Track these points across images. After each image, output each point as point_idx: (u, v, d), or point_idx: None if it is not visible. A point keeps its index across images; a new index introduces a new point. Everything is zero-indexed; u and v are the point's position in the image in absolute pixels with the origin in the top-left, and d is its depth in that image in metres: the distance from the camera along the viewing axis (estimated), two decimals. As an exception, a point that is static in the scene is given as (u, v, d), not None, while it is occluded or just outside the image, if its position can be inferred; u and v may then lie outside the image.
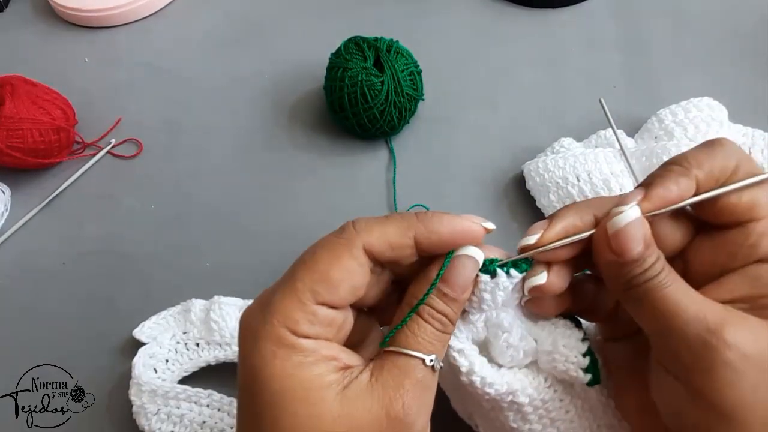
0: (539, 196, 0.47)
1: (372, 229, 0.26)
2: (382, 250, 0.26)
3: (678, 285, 0.25)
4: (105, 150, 0.55)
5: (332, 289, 0.25)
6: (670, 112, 0.47)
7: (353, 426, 0.23)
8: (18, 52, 0.64)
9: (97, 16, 0.64)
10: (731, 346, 0.23)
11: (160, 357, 0.41)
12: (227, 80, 0.59)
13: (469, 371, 0.28)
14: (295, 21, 0.64)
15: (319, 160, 0.53)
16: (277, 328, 0.24)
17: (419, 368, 0.25)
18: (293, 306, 0.24)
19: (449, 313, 0.26)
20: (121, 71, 0.61)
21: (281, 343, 0.24)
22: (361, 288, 0.26)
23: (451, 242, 0.27)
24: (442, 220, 0.26)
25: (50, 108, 0.52)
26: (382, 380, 0.25)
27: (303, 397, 0.23)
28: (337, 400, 0.24)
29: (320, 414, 0.23)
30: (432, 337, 0.26)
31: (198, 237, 0.49)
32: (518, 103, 0.55)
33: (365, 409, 0.24)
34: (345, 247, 0.25)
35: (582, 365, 0.28)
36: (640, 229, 0.25)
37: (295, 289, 0.25)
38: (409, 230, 0.26)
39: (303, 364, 0.24)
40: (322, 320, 0.25)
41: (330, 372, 0.24)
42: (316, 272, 0.25)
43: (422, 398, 0.25)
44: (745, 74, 0.55)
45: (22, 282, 0.48)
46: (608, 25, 0.60)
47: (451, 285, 0.26)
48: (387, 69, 0.49)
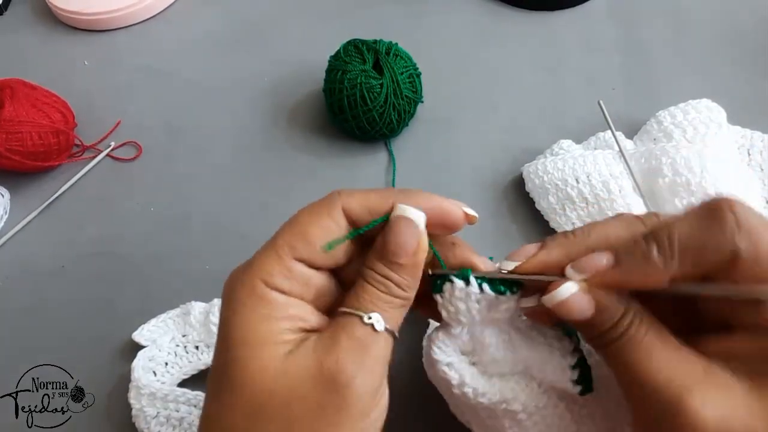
0: (539, 198, 0.47)
1: (353, 193, 0.27)
2: (360, 214, 0.26)
3: (649, 345, 0.23)
4: (104, 153, 0.55)
5: (309, 246, 0.25)
6: (669, 114, 0.47)
7: (288, 383, 0.23)
8: (17, 55, 0.64)
9: (97, 19, 0.64)
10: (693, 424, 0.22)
11: (159, 360, 0.41)
12: (227, 83, 0.59)
13: (460, 383, 0.28)
14: (295, 23, 0.64)
15: (319, 162, 0.53)
16: (253, 278, 0.25)
17: (357, 326, 0.25)
18: (270, 260, 0.25)
19: (393, 276, 0.26)
20: (121, 74, 0.61)
21: (252, 293, 0.25)
22: (337, 249, 0.26)
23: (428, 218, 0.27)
24: (425, 196, 0.27)
25: (50, 111, 0.52)
26: (322, 339, 0.25)
27: (256, 350, 0.24)
28: (282, 358, 0.24)
29: (265, 369, 0.24)
30: (374, 297, 0.26)
31: (197, 239, 0.49)
32: (517, 106, 0.55)
33: (301, 366, 0.24)
34: (325, 208, 0.26)
35: (572, 377, 0.28)
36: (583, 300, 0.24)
37: (275, 245, 0.26)
38: (389, 198, 0.26)
39: (267, 318, 0.24)
40: (297, 277, 0.25)
41: (290, 331, 0.25)
42: (296, 230, 0.26)
43: (361, 357, 0.24)
44: (743, 76, 0.55)
45: (21, 284, 0.48)
46: (607, 28, 0.60)
47: (386, 244, 0.26)
48: (386, 71, 0.49)
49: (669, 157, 0.42)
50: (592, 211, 0.44)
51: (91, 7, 0.64)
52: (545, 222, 0.46)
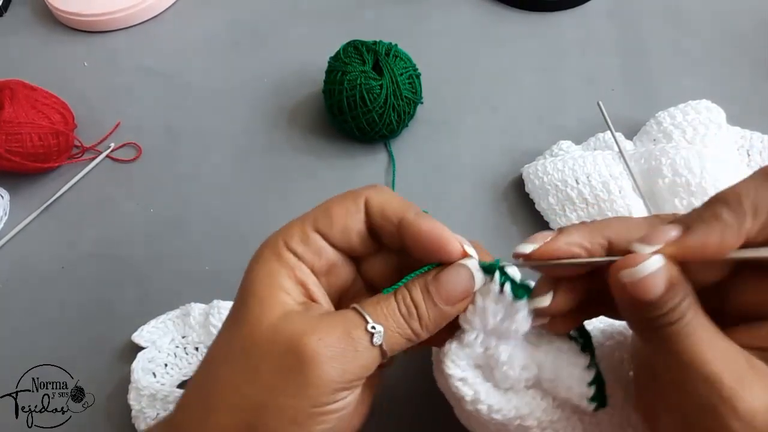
0: (538, 198, 0.47)
1: (380, 191, 0.29)
2: (375, 212, 0.28)
3: (702, 333, 0.23)
4: (104, 154, 0.55)
5: (328, 221, 0.28)
6: (669, 114, 0.47)
7: (276, 338, 0.25)
8: (17, 57, 0.64)
9: (97, 20, 0.64)
10: (741, 416, 0.21)
11: (159, 361, 0.41)
12: (226, 84, 0.59)
13: (474, 400, 0.28)
14: (295, 25, 0.64)
15: (319, 163, 0.53)
16: (277, 238, 0.28)
17: (359, 328, 0.25)
18: (296, 226, 0.28)
19: (422, 310, 0.26)
20: (121, 75, 0.61)
21: (272, 250, 0.28)
22: (352, 232, 0.28)
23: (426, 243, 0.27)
24: (430, 221, 0.27)
25: (49, 112, 0.52)
26: (322, 318, 0.26)
27: (261, 299, 0.26)
28: (280, 314, 0.26)
29: (262, 317, 0.26)
30: (390, 313, 0.26)
31: (197, 241, 0.49)
32: (517, 107, 0.55)
33: (290, 329, 0.25)
34: (352, 194, 0.29)
35: (587, 395, 0.28)
36: (662, 276, 0.23)
37: (304, 215, 0.29)
38: (403, 210, 0.28)
39: (276, 273, 0.27)
40: (312, 245, 0.28)
41: (293, 291, 0.27)
42: (324, 206, 0.29)
43: (344, 356, 0.25)
44: (743, 77, 0.55)
45: (21, 285, 0.48)
46: (606, 28, 0.61)
47: (438, 282, 0.26)
48: (386, 72, 0.49)
49: (669, 158, 0.42)
50: (592, 211, 0.44)
51: (90, 8, 0.64)
52: (545, 223, 0.46)
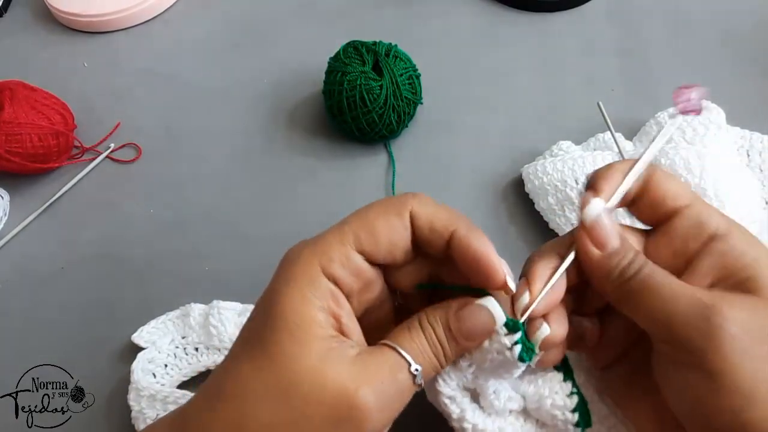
0: (538, 199, 0.47)
1: (425, 203, 0.27)
2: (423, 226, 0.27)
3: (665, 274, 0.25)
4: (104, 154, 0.55)
5: (374, 238, 0.26)
6: (668, 115, 0.47)
7: (322, 383, 0.23)
8: (17, 57, 0.64)
9: (96, 21, 0.64)
10: (734, 320, 0.23)
11: (158, 362, 0.41)
12: (226, 84, 0.59)
13: (459, 418, 0.28)
14: (294, 25, 0.64)
15: (318, 164, 0.53)
16: (311, 257, 0.25)
17: (403, 371, 0.25)
18: (334, 244, 0.26)
19: (445, 346, 0.26)
20: (120, 76, 0.61)
21: (306, 273, 0.25)
22: (398, 249, 0.27)
23: (473, 262, 0.26)
24: (481, 240, 0.26)
25: (49, 113, 0.52)
26: (365, 362, 0.25)
27: (293, 333, 0.24)
28: (318, 354, 0.24)
29: (298, 357, 0.24)
30: (425, 351, 0.26)
31: (197, 241, 0.49)
32: (517, 107, 0.55)
33: (338, 375, 0.24)
34: (394, 207, 0.27)
35: (571, 421, 0.29)
36: (611, 223, 0.26)
37: (342, 231, 0.26)
38: (453, 224, 0.27)
39: (309, 303, 0.25)
40: (353, 267, 0.26)
41: (326, 325, 0.25)
42: (364, 221, 0.26)
43: (392, 401, 0.25)
44: (742, 77, 0.55)
45: (21, 286, 0.48)
46: (606, 29, 0.61)
47: (460, 322, 0.26)
48: (386, 73, 0.49)
49: (668, 159, 0.42)
50: (592, 212, 0.44)
51: (90, 9, 0.64)
52: (545, 223, 0.46)
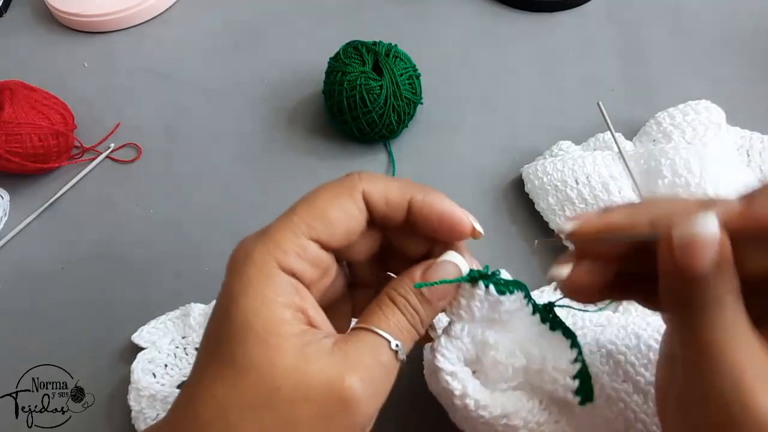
0: (538, 199, 0.47)
1: (376, 180, 0.26)
2: (378, 202, 0.26)
3: (736, 322, 0.21)
4: (104, 155, 0.55)
5: (329, 227, 0.25)
6: (668, 115, 0.47)
7: (304, 382, 0.23)
8: (17, 57, 0.64)
9: (96, 21, 0.64)
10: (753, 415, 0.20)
11: (159, 362, 0.41)
12: (226, 84, 0.59)
13: (462, 394, 0.28)
14: (294, 25, 0.64)
15: (319, 164, 0.53)
16: (264, 254, 0.24)
17: (384, 350, 0.25)
18: (286, 237, 0.25)
19: (420, 311, 0.26)
20: (120, 76, 0.61)
21: (262, 272, 0.24)
22: (353, 233, 0.26)
23: (437, 222, 0.26)
24: (441, 199, 0.27)
25: (49, 113, 0.52)
26: (345, 350, 0.24)
27: (263, 338, 0.23)
28: (294, 354, 0.23)
29: (274, 362, 0.23)
30: (402, 324, 0.26)
31: (197, 241, 0.49)
32: (517, 107, 0.55)
33: (321, 369, 0.23)
34: (346, 190, 0.26)
35: (571, 388, 0.28)
36: (714, 244, 0.21)
37: (292, 222, 0.25)
38: (408, 193, 0.26)
39: (272, 303, 0.23)
40: (310, 257, 0.25)
41: (295, 322, 0.24)
42: (315, 209, 0.25)
43: (379, 383, 0.24)
44: (742, 77, 0.55)
45: (21, 285, 0.48)
46: (606, 29, 0.61)
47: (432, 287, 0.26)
48: (386, 73, 0.49)
49: (668, 158, 0.42)
50: (592, 212, 0.44)
51: (90, 9, 0.64)
52: (545, 223, 0.46)
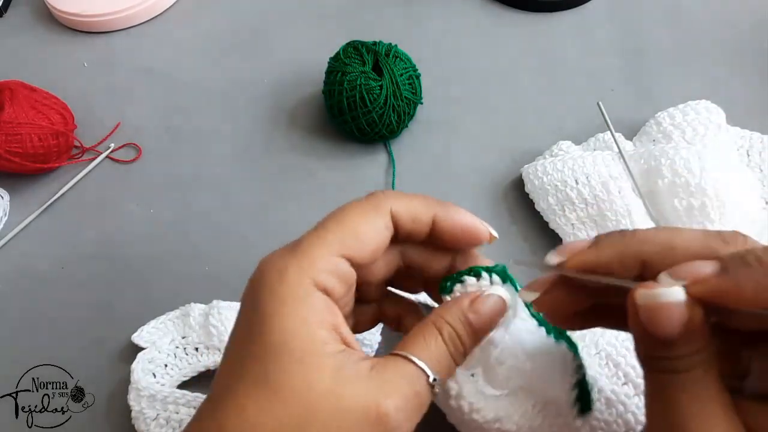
0: (538, 199, 0.47)
1: (399, 197, 0.27)
2: (405, 220, 0.27)
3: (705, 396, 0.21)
4: (104, 155, 0.55)
5: (360, 244, 0.25)
6: (668, 115, 0.47)
7: (341, 406, 0.22)
8: (17, 57, 0.64)
9: (96, 20, 0.64)
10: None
11: (158, 362, 0.41)
12: (226, 85, 0.59)
13: (458, 395, 0.28)
14: (294, 25, 0.64)
15: (318, 164, 0.53)
16: (301, 272, 0.24)
17: (421, 382, 0.24)
18: (321, 254, 0.24)
19: (465, 342, 0.26)
20: (120, 76, 0.61)
21: (297, 291, 0.24)
22: (381, 250, 0.26)
23: (461, 235, 0.28)
24: (460, 212, 0.28)
25: (49, 113, 0.52)
26: (382, 376, 0.24)
27: (300, 358, 0.23)
28: (332, 375, 0.23)
29: (311, 382, 0.22)
30: (443, 357, 0.25)
31: (197, 241, 0.49)
32: (517, 107, 0.55)
33: (357, 395, 0.23)
34: (374, 207, 0.26)
35: (571, 397, 0.28)
36: (680, 313, 0.20)
37: (325, 238, 0.25)
38: (431, 209, 0.27)
39: (308, 323, 0.23)
40: (341, 274, 0.25)
41: (332, 341, 0.24)
42: (346, 225, 0.25)
43: (413, 412, 0.24)
44: (742, 77, 0.55)
45: (21, 285, 0.48)
46: (606, 29, 0.61)
47: (478, 315, 0.26)
48: (386, 73, 0.49)
49: (668, 158, 0.42)
50: (592, 212, 0.44)
51: (90, 9, 0.64)
52: (545, 223, 0.46)
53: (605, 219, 0.43)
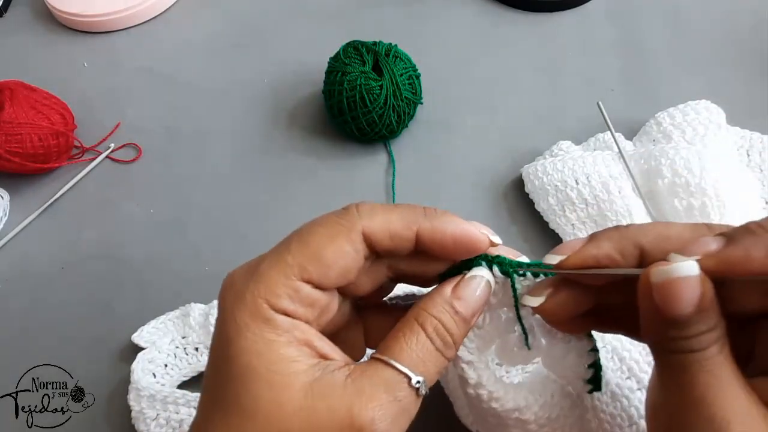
0: (538, 199, 0.47)
1: (375, 214, 0.25)
2: (381, 239, 0.25)
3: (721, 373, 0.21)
4: (104, 155, 0.55)
5: (322, 270, 0.24)
6: (668, 115, 0.47)
7: (312, 423, 0.22)
8: (17, 57, 0.64)
9: (96, 21, 0.64)
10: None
11: (158, 362, 0.41)
12: (226, 85, 0.59)
13: (476, 384, 0.28)
14: (295, 25, 0.64)
15: (318, 164, 0.53)
16: (256, 298, 0.23)
17: (402, 387, 0.23)
18: (278, 279, 0.23)
19: (455, 332, 0.25)
20: (120, 76, 0.61)
21: (257, 315, 0.23)
22: (351, 272, 0.25)
23: (452, 246, 0.25)
24: (450, 221, 0.25)
25: (49, 113, 0.52)
26: (358, 385, 0.23)
27: (267, 379, 0.22)
28: (302, 391, 0.22)
29: (282, 402, 0.22)
30: (428, 355, 0.24)
31: (197, 241, 0.49)
32: (517, 107, 0.55)
33: (329, 409, 0.22)
34: (344, 229, 0.24)
35: (584, 376, 0.28)
36: (695, 288, 0.20)
37: (285, 261, 0.24)
38: (413, 224, 0.25)
39: (274, 343, 0.23)
40: (303, 299, 0.24)
41: (302, 357, 0.23)
42: (309, 249, 0.24)
43: (396, 421, 0.23)
44: (742, 77, 0.55)
45: (21, 285, 0.48)
46: (606, 29, 0.61)
47: (464, 301, 0.25)
48: (386, 73, 0.49)
49: (668, 158, 0.42)
50: (592, 212, 0.44)
51: (90, 9, 0.64)
52: (545, 223, 0.46)
53: (605, 219, 0.43)
